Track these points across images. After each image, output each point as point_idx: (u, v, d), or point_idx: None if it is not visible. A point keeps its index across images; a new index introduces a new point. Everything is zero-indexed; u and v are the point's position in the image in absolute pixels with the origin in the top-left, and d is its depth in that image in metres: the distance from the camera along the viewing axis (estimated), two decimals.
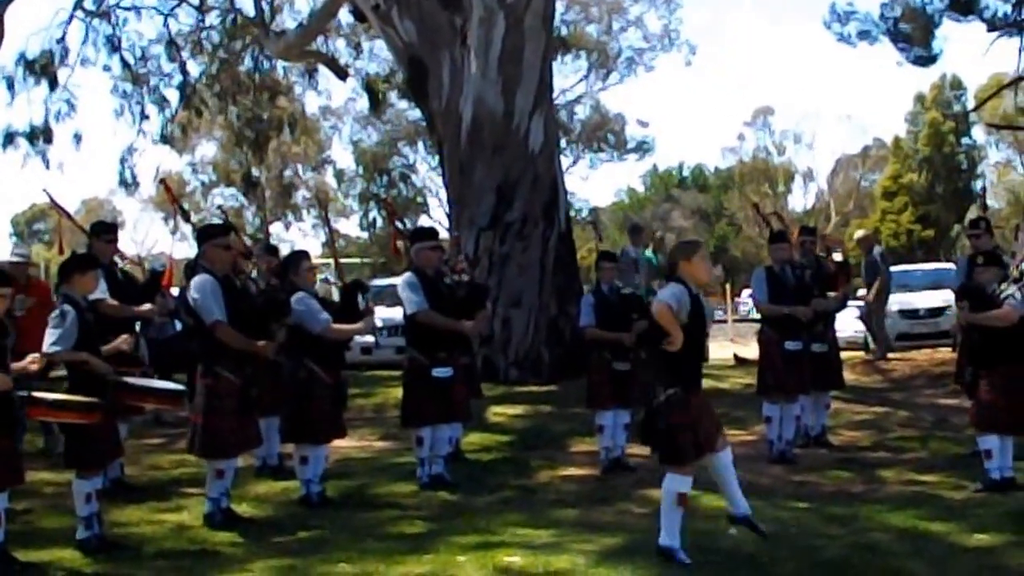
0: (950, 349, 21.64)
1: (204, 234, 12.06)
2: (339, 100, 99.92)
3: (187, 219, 15.11)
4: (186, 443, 11.98)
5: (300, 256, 13.04)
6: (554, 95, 26.60)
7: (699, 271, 9.82)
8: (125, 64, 32.61)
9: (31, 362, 10.08)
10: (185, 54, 33.60)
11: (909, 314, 28.35)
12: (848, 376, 17.87)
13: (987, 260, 12.98)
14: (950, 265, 33.23)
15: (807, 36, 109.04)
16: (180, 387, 11.60)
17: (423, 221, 61.28)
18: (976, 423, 12.72)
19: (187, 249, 12.59)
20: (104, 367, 10.61)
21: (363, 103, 57.26)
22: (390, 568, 9.61)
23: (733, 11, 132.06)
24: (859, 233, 27.32)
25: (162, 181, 23.55)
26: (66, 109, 31.96)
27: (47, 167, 32.37)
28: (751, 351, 18.63)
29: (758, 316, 16.03)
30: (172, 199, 15.66)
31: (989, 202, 21.60)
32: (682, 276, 9.72)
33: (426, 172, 68.27)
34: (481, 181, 22.55)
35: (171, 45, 33.06)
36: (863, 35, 30.16)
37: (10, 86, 31.66)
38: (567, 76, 61.06)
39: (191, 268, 12.21)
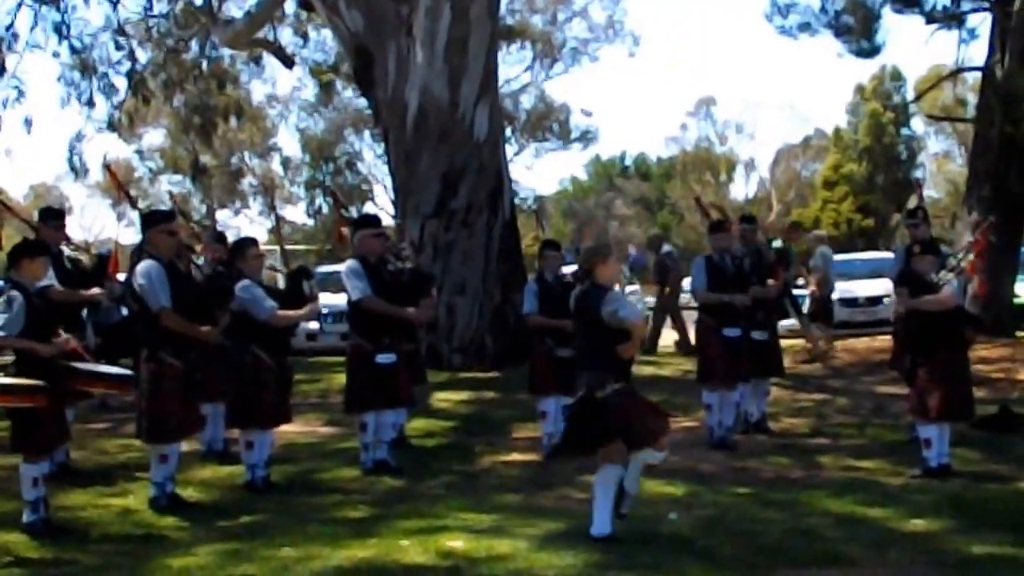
0: (890, 337, 21.86)
1: (149, 220, 12.07)
2: (285, 87, 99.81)
3: (133, 204, 15.12)
4: (135, 428, 12.07)
5: (248, 243, 13.10)
6: (499, 84, 26.65)
7: (612, 271, 10.33)
8: (73, 51, 32.40)
9: None
10: (133, 42, 33.40)
11: (849, 302, 28.63)
12: (788, 363, 18.03)
13: (924, 249, 13.17)
14: (889, 254, 33.54)
15: (749, 27, 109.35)
16: (128, 372, 11.61)
17: (369, 208, 61.11)
18: (915, 411, 12.90)
19: (134, 235, 12.63)
20: (49, 349, 10.62)
21: (309, 91, 57.27)
22: (334, 552, 9.67)
23: (677, 1, 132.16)
24: (652, 231, 27.87)
25: (107, 167, 23.46)
26: (15, 95, 31.73)
27: None
28: (692, 338, 18.79)
29: (696, 304, 16.15)
30: (117, 184, 15.64)
31: (929, 192, 21.91)
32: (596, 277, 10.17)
33: (372, 160, 68.06)
34: (426, 169, 22.61)
35: (119, 32, 32.85)
36: (804, 27, 30.28)
37: None
38: (512, 66, 61.00)
39: (136, 254, 12.25)
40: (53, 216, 14.04)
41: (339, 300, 16.69)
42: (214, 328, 12.08)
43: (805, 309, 23.33)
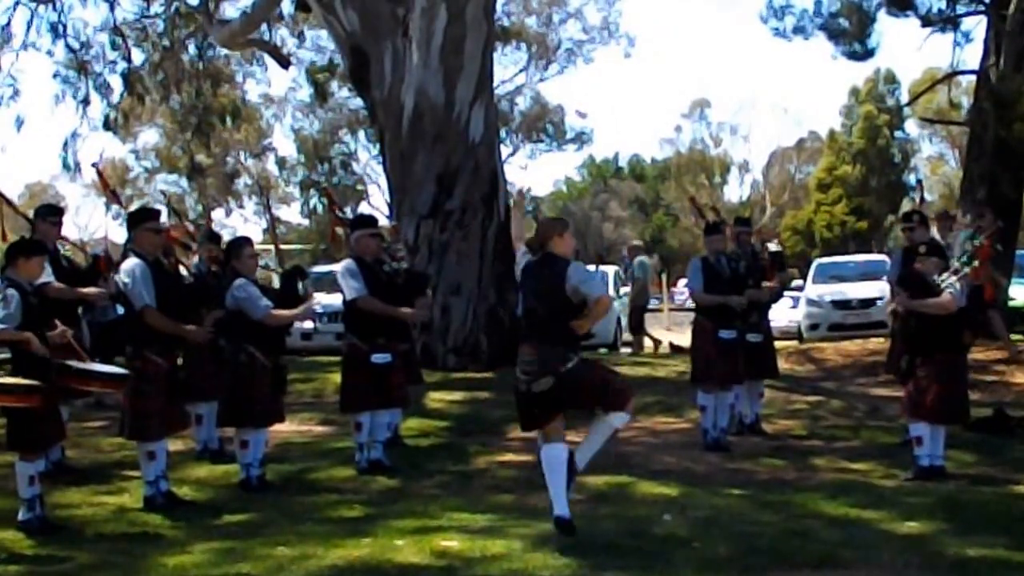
0: (883, 339, 21.85)
1: (135, 218, 12.14)
2: (279, 87, 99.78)
3: (121, 204, 15.15)
4: (117, 427, 12.15)
5: (243, 242, 13.10)
6: (494, 86, 26.68)
7: (569, 245, 10.25)
8: (70, 50, 32.44)
9: None
10: (129, 41, 33.43)
11: (842, 304, 28.70)
12: (782, 365, 18.01)
13: (929, 250, 13.14)
14: (883, 257, 33.64)
15: (744, 29, 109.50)
16: (123, 371, 11.60)
17: (363, 209, 61.23)
18: (907, 410, 12.90)
19: (127, 234, 12.67)
20: (43, 349, 10.63)
21: (304, 92, 57.35)
22: (328, 551, 9.69)
23: (672, 3, 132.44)
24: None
25: (94, 166, 23.46)
26: (10, 94, 31.84)
27: None
28: (687, 339, 18.78)
29: (693, 305, 16.19)
30: (105, 185, 15.62)
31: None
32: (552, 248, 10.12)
33: (367, 160, 68.38)
34: (421, 170, 22.61)
35: (116, 32, 32.88)
36: (798, 30, 30.32)
37: None
38: (507, 67, 61.14)
39: (123, 253, 12.27)
40: (51, 212, 14.06)
41: (334, 300, 16.72)
42: (199, 327, 12.14)
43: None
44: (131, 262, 11.59)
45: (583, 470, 10.18)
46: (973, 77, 28.21)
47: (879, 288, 25.92)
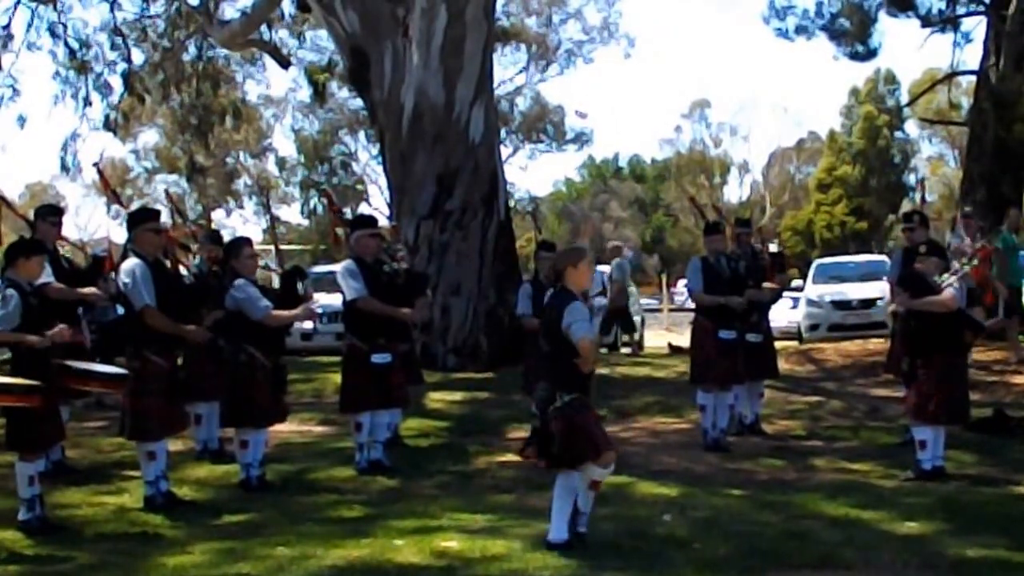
0: (883, 340, 21.82)
1: (135, 219, 12.13)
2: (279, 88, 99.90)
3: (122, 205, 15.12)
4: (117, 427, 12.15)
5: (242, 242, 13.08)
6: (494, 86, 26.69)
7: (584, 277, 9.92)
8: (70, 50, 32.45)
9: None
10: (130, 42, 33.44)
11: (842, 305, 28.66)
12: (782, 365, 17.99)
13: (930, 250, 13.11)
14: (883, 257, 33.64)
15: (743, 29, 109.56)
16: (123, 371, 11.60)
17: (363, 209, 61.22)
18: (912, 414, 12.87)
19: (127, 234, 12.64)
20: (42, 341, 10.60)
21: (304, 92, 57.36)
22: (328, 552, 9.69)
23: (672, 3, 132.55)
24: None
25: (95, 165, 23.45)
26: (10, 94, 31.86)
27: None
28: (686, 340, 18.76)
29: (693, 306, 16.18)
30: (105, 185, 15.61)
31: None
32: (565, 281, 9.81)
33: (367, 160, 68.48)
34: (421, 170, 22.63)
35: (116, 33, 32.89)
36: (801, 30, 30.40)
37: None
38: (507, 67, 61.20)
39: (123, 253, 12.27)
40: (51, 213, 14.04)
41: (334, 300, 16.72)
42: (199, 327, 12.13)
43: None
44: (131, 262, 11.58)
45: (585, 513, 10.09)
46: (973, 77, 28.25)
47: (879, 288, 25.93)
